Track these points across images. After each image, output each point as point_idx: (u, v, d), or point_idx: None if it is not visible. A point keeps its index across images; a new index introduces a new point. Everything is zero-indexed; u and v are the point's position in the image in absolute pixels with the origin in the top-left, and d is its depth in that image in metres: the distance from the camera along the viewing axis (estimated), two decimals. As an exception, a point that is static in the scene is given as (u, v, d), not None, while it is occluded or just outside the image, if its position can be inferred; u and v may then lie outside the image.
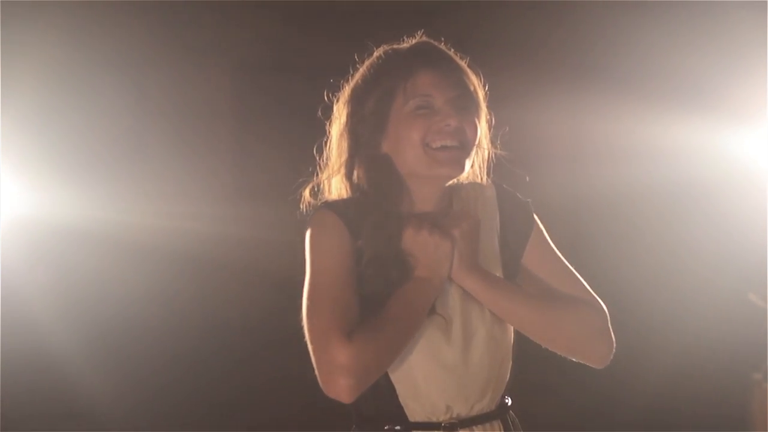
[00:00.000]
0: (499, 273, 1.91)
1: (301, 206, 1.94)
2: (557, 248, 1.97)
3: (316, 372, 1.76)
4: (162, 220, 5.62)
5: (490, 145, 1.95)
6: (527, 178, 2.01)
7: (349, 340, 1.71)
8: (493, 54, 1.97)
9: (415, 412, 1.84)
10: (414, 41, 1.94)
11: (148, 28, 5.81)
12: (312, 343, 1.77)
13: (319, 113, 1.95)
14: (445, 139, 1.83)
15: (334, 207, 1.87)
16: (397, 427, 1.84)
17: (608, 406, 5.29)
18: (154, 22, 5.80)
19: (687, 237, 5.61)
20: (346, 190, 1.90)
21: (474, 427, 1.85)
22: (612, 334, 1.89)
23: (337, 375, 1.71)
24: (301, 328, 1.80)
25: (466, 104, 1.85)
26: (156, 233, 5.60)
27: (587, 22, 5.66)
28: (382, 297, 1.80)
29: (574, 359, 1.92)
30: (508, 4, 5.83)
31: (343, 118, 1.89)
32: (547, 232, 1.97)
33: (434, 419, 1.84)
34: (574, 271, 1.93)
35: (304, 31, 5.98)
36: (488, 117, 1.92)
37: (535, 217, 1.96)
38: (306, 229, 1.87)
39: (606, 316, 1.89)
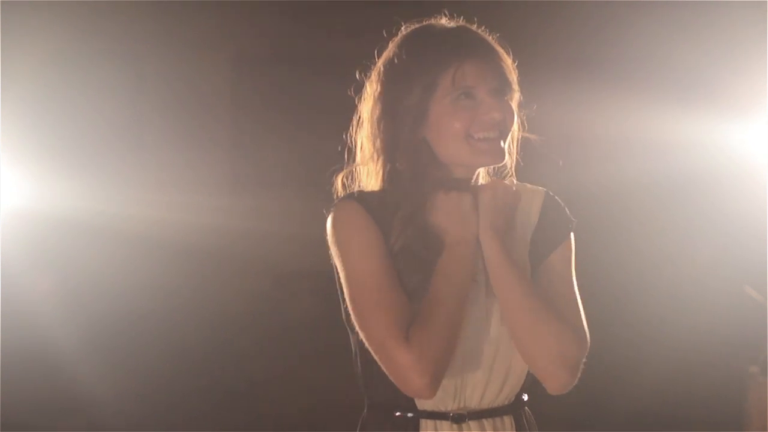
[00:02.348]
0: (525, 260, 1.89)
1: (333, 197, 1.90)
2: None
3: (390, 376, 1.76)
4: (160, 211, 5.62)
5: (519, 127, 1.94)
6: (560, 162, 1.98)
7: (408, 342, 1.73)
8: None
9: (425, 400, 1.83)
10: (452, 24, 1.91)
11: (146, 20, 5.81)
12: (375, 352, 1.77)
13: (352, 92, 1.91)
14: (487, 131, 1.83)
15: (358, 198, 1.84)
16: (409, 415, 1.84)
17: (605, 398, 5.30)
18: (153, 14, 5.79)
19: (685, 230, 5.61)
20: (381, 177, 1.85)
21: (483, 421, 1.84)
22: (579, 370, 1.84)
23: (410, 378, 1.73)
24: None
25: (505, 92, 1.86)
26: (154, 224, 5.60)
27: (585, 14, 5.65)
28: (419, 283, 1.79)
29: (533, 373, 1.86)
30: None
31: (380, 102, 1.85)
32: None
33: (443, 408, 1.84)
34: (579, 300, 1.89)
35: (302, 23, 5.98)
36: (520, 99, 1.92)
37: (572, 236, 1.93)
38: (328, 221, 1.84)
39: (584, 352, 1.83)
